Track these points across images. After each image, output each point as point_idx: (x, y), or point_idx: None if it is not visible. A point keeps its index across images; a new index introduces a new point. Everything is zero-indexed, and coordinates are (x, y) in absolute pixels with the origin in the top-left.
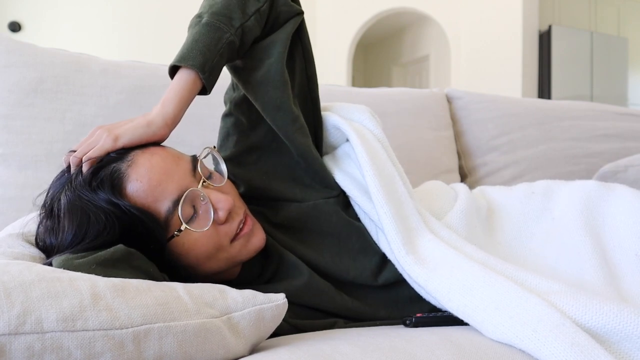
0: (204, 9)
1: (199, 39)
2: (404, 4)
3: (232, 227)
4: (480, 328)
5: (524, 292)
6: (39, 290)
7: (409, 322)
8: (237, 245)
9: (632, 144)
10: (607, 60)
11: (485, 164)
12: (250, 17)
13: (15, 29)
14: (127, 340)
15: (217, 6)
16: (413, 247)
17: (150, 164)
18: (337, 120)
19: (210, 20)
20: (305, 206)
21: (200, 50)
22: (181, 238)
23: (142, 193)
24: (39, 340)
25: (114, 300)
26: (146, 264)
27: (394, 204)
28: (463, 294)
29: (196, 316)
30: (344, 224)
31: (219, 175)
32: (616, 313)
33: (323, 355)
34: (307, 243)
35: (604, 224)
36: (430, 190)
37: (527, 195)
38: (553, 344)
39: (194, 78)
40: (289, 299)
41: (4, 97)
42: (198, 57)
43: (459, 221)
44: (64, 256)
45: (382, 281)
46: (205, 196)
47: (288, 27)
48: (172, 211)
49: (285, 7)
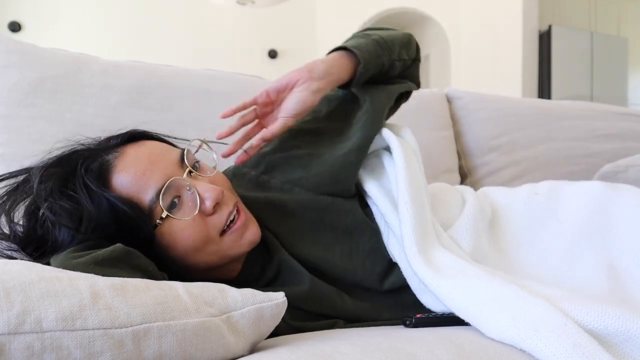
0: (375, 30)
1: (368, 44)
2: (404, 4)
3: (221, 218)
4: (482, 327)
5: (527, 293)
6: (38, 289)
7: (409, 322)
8: (229, 240)
9: (632, 144)
10: (607, 60)
11: (485, 164)
12: (399, 60)
13: (15, 29)
14: (126, 340)
15: (387, 34)
16: (425, 252)
17: (136, 155)
18: (388, 134)
19: (380, 40)
20: (323, 199)
21: (368, 52)
22: (167, 228)
23: (127, 183)
24: (38, 339)
25: (114, 299)
26: (145, 263)
27: (418, 213)
28: (466, 294)
29: (196, 315)
30: (360, 223)
31: (208, 167)
32: (619, 315)
33: (323, 355)
34: (318, 237)
35: (612, 227)
36: (438, 195)
37: (531, 198)
38: (555, 344)
39: (347, 60)
40: (288, 304)
41: (4, 97)
42: (365, 54)
43: (465, 233)
44: (62, 256)
45: (387, 286)
46: (191, 185)
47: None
48: (154, 200)
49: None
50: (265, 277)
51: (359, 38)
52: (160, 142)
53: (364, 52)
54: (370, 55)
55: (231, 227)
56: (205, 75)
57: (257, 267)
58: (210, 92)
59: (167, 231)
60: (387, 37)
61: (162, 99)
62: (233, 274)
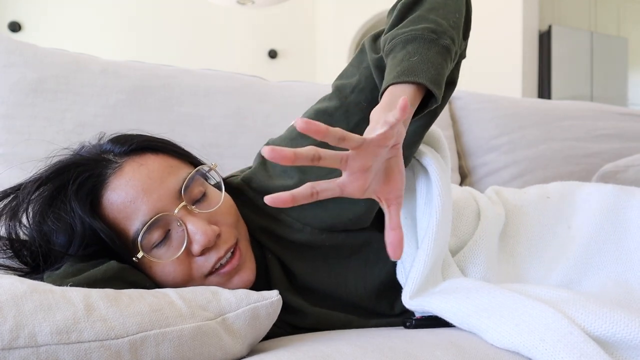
0: (437, 25)
1: (441, 63)
2: None
3: (207, 262)
4: (484, 336)
5: (529, 299)
6: (31, 303)
7: (410, 324)
8: (213, 281)
9: (632, 144)
10: (607, 60)
11: (485, 164)
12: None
13: (15, 29)
14: (123, 350)
15: (452, 32)
16: (421, 293)
17: (132, 176)
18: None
19: (449, 47)
20: (338, 236)
21: (444, 77)
22: (147, 262)
23: (115, 206)
24: (33, 354)
25: (108, 310)
26: (141, 279)
27: (434, 261)
28: (465, 302)
29: (191, 320)
30: (373, 253)
31: (216, 195)
32: (626, 322)
33: (323, 355)
34: (331, 269)
35: (626, 234)
36: (454, 207)
37: (542, 201)
38: (561, 354)
39: (418, 97)
40: None
41: (4, 97)
42: (442, 85)
43: (477, 260)
44: (54, 276)
45: (398, 310)
46: (182, 222)
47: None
48: (139, 232)
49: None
50: None
51: (426, 46)
52: (167, 159)
53: (441, 81)
54: (443, 78)
55: (219, 269)
56: (205, 75)
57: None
58: (210, 92)
59: (148, 264)
60: (455, 35)
61: (162, 99)
62: None
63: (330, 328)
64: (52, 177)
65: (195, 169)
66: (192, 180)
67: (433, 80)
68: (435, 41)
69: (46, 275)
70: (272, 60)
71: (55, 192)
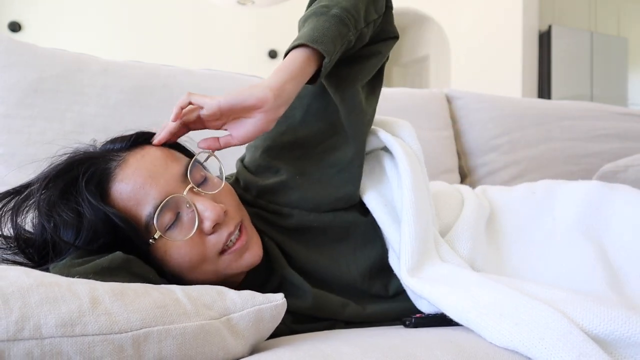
0: (331, 1)
1: (329, 27)
2: (404, 4)
3: (220, 238)
4: (483, 334)
5: (529, 298)
6: (37, 295)
7: (409, 322)
8: (227, 260)
9: (632, 144)
10: (607, 60)
11: (485, 164)
12: (367, 25)
13: (15, 29)
14: (126, 344)
15: (345, 3)
16: (419, 271)
17: (138, 165)
18: (387, 138)
19: (340, 14)
20: (326, 217)
21: (331, 38)
22: (162, 245)
23: (125, 195)
24: (38, 346)
25: (113, 304)
26: (146, 270)
27: (420, 230)
28: (464, 299)
29: (195, 318)
30: (362, 234)
31: (216, 181)
32: (624, 320)
33: (323, 355)
34: (323, 251)
35: (607, 226)
36: (438, 196)
37: (527, 196)
38: (560, 353)
39: (311, 60)
40: (291, 312)
41: (4, 97)
42: (329, 44)
43: (462, 237)
44: (61, 264)
45: (393, 291)
46: (191, 203)
47: (385, 51)
48: (152, 216)
49: (389, 26)
50: (267, 291)
51: (316, 18)
52: (166, 149)
53: (327, 40)
54: (334, 41)
55: (230, 247)
56: (205, 75)
57: (259, 280)
58: (210, 92)
59: (163, 248)
60: (349, 5)
61: (162, 99)
62: (234, 286)
63: (328, 312)
64: (61, 174)
65: (195, 155)
66: (194, 165)
67: (314, 40)
68: (325, 13)
69: (52, 266)
70: (272, 60)
71: (66, 186)
